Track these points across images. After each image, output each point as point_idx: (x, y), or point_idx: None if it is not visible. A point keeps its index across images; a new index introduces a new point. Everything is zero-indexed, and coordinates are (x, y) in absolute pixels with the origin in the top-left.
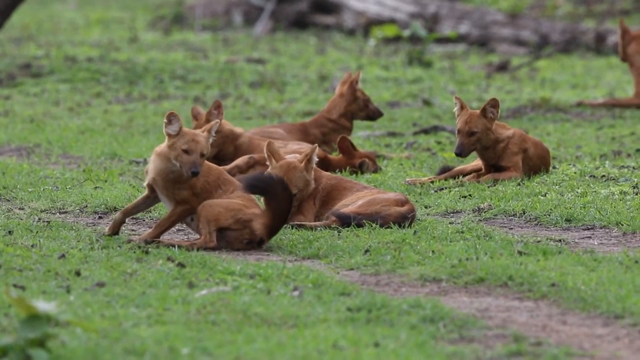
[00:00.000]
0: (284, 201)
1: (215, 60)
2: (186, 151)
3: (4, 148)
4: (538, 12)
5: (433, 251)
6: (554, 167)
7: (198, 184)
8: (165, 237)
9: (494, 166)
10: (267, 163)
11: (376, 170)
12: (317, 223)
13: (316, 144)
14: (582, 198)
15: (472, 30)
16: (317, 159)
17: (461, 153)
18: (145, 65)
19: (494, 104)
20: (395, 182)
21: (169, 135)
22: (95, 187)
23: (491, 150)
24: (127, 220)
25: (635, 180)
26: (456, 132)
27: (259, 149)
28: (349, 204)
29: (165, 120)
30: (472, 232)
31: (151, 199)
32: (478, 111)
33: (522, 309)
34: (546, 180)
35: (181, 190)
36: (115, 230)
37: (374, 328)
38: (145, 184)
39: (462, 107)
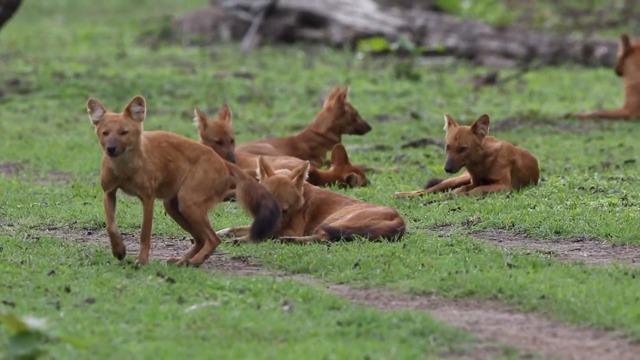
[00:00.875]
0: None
1: (203, 75)
2: (105, 133)
3: None
4: (525, 25)
5: (422, 264)
6: (542, 180)
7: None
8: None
9: (483, 179)
10: (259, 178)
11: (365, 183)
12: (306, 237)
13: (308, 161)
14: (571, 210)
15: (460, 43)
16: (307, 176)
17: (451, 169)
18: (133, 80)
19: (485, 120)
20: (384, 195)
21: (95, 123)
22: (85, 203)
23: (480, 165)
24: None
25: (624, 192)
26: (445, 147)
27: (245, 164)
28: (338, 218)
29: (87, 109)
30: (462, 245)
31: (113, 199)
32: (468, 127)
33: (512, 321)
34: (535, 193)
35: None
36: (119, 249)
37: (364, 342)
38: (107, 192)
39: (449, 124)
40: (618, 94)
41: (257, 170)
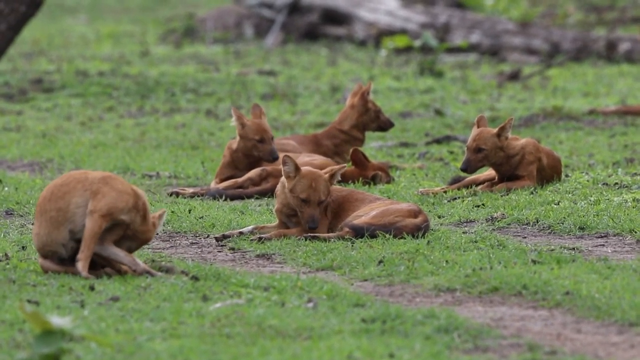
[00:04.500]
0: None
1: (227, 73)
2: None
3: (16, 163)
4: (549, 21)
5: (447, 261)
6: (566, 175)
7: None
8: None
9: (509, 176)
10: (290, 174)
11: (389, 181)
12: (330, 234)
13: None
14: (595, 206)
15: (483, 39)
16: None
17: (467, 169)
18: (156, 78)
19: (510, 123)
20: (408, 192)
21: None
22: None
23: (506, 165)
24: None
25: None
26: (466, 147)
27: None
28: (362, 215)
29: None
30: (486, 242)
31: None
32: (491, 129)
33: (537, 317)
34: (559, 189)
35: None
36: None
37: (388, 339)
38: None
39: (475, 125)
40: None
41: (286, 167)
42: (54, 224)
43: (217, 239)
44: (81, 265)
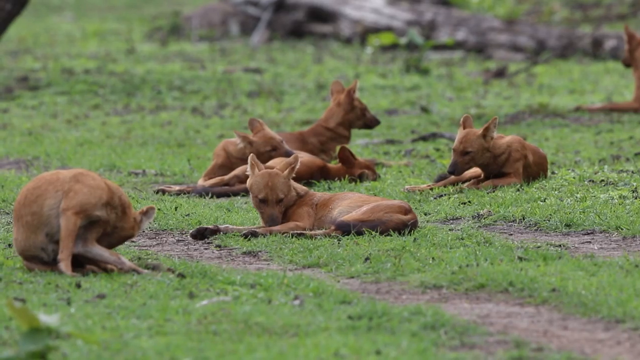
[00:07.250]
0: None
1: (213, 71)
2: None
3: (2, 161)
4: (534, 18)
5: (433, 258)
6: (552, 173)
7: None
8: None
9: (495, 174)
10: (248, 173)
11: (375, 178)
12: (317, 232)
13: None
14: (582, 203)
15: (469, 37)
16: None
17: (453, 172)
18: (142, 76)
19: (494, 123)
20: (394, 189)
21: None
22: None
23: (493, 165)
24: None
25: (634, 184)
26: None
27: None
28: (351, 211)
29: None
30: (472, 239)
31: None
32: (477, 130)
33: (523, 314)
34: (545, 186)
35: None
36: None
37: (375, 336)
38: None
39: (461, 126)
40: (628, 87)
41: (248, 167)
42: (30, 229)
43: (211, 230)
44: (63, 265)
